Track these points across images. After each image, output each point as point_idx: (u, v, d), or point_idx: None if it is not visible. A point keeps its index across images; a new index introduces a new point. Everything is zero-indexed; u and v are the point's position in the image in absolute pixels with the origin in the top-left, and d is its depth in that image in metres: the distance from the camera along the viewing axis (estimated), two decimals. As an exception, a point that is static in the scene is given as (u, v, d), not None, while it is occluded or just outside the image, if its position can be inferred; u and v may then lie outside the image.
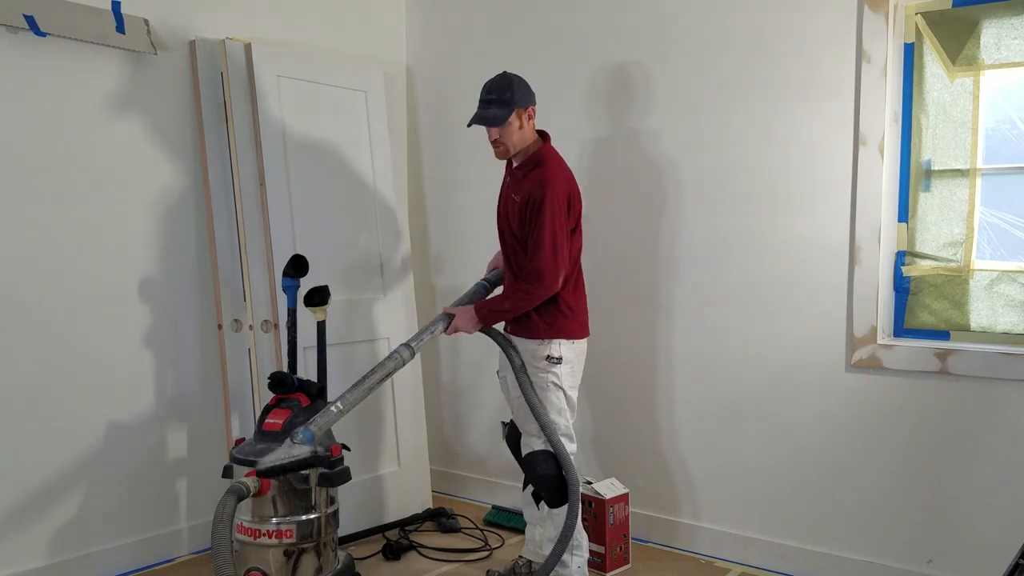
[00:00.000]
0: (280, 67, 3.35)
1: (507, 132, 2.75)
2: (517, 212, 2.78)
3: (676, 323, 3.31)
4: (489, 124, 2.74)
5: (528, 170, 2.79)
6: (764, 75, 3.04)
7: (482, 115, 2.75)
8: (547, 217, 2.68)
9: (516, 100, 2.72)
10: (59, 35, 2.86)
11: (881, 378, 2.87)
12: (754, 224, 3.10)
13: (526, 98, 2.76)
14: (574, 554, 2.82)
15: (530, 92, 2.78)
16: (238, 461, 2.63)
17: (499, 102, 2.73)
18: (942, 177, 2.81)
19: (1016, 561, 2.06)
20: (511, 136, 2.76)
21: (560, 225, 2.71)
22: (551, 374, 2.79)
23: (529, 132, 2.79)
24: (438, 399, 4.12)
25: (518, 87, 2.75)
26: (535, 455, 2.80)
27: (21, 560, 2.87)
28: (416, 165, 4.11)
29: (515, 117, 2.73)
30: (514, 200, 2.81)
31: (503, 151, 2.80)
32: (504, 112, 2.71)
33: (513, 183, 2.86)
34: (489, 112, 2.74)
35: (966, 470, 2.73)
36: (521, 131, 2.76)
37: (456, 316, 2.82)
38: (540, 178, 2.73)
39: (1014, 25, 2.65)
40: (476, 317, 2.80)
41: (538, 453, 2.79)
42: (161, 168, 3.20)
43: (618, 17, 3.38)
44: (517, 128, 2.75)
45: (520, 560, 3.07)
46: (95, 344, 3.03)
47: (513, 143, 2.77)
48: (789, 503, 3.09)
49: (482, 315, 2.80)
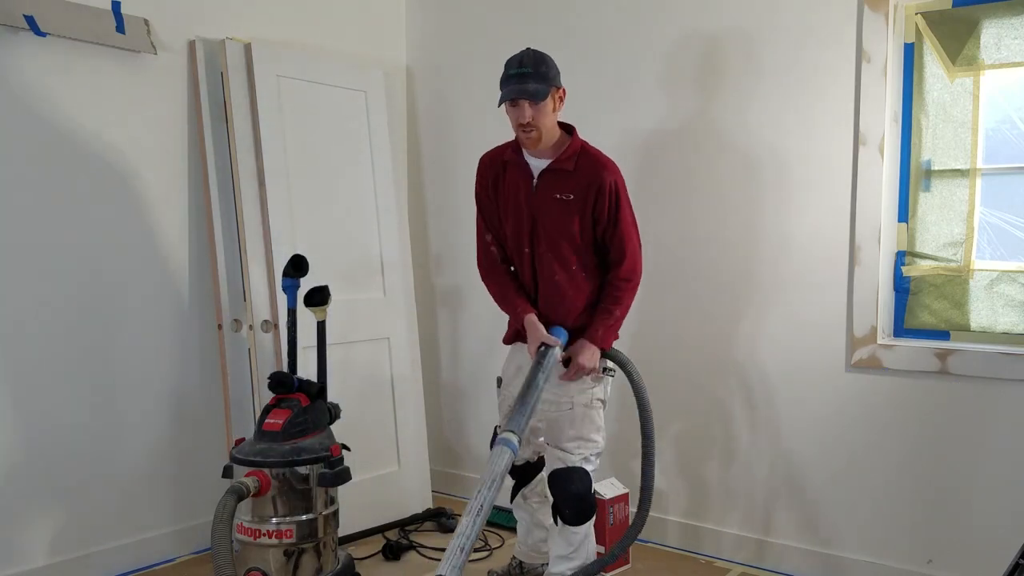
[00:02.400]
0: (280, 67, 3.36)
1: (542, 113, 2.44)
2: (573, 210, 2.52)
3: (675, 324, 3.31)
4: (532, 97, 2.39)
5: (575, 162, 2.53)
6: (764, 75, 3.04)
7: (522, 88, 2.39)
8: (625, 200, 2.52)
9: (552, 77, 2.44)
10: (59, 35, 2.86)
11: (881, 378, 2.87)
12: (753, 224, 3.10)
13: (559, 77, 2.48)
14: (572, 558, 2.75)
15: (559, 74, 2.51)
16: (238, 461, 2.63)
17: (536, 76, 2.40)
18: (942, 177, 2.81)
19: (1016, 561, 2.07)
20: (545, 119, 2.45)
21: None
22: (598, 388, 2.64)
23: (556, 120, 2.53)
24: (438, 399, 4.12)
25: (552, 63, 2.46)
26: (569, 472, 2.60)
27: (21, 560, 2.87)
28: (416, 165, 4.11)
29: (551, 97, 2.45)
30: (559, 200, 2.53)
31: (536, 137, 2.48)
32: (544, 88, 2.41)
33: (550, 182, 2.56)
34: (529, 86, 2.39)
35: (966, 470, 2.73)
36: (553, 115, 2.49)
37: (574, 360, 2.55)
38: (595, 164, 2.51)
39: (1014, 25, 2.65)
40: (596, 347, 2.57)
41: (572, 470, 2.60)
42: (161, 168, 3.20)
43: (617, 17, 3.38)
44: (551, 111, 2.46)
45: (513, 561, 3.06)
46: (95, 344, 3.03)
47: (547, 127, 2.48)
48: (789, 503, 3.09)
49: (601, 338, 2.57)
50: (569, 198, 2.52)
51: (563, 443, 2.63)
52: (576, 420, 2.62)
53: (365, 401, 3.58)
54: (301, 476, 2.63)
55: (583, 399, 2.62)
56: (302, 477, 2.63)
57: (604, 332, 2.58)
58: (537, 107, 2.43)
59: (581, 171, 2.52)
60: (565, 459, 2.62)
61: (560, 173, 2.54)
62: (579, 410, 2.61)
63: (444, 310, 4.06)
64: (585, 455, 2.63)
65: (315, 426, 2.73)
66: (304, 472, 2.63)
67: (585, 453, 2.63)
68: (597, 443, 2.66)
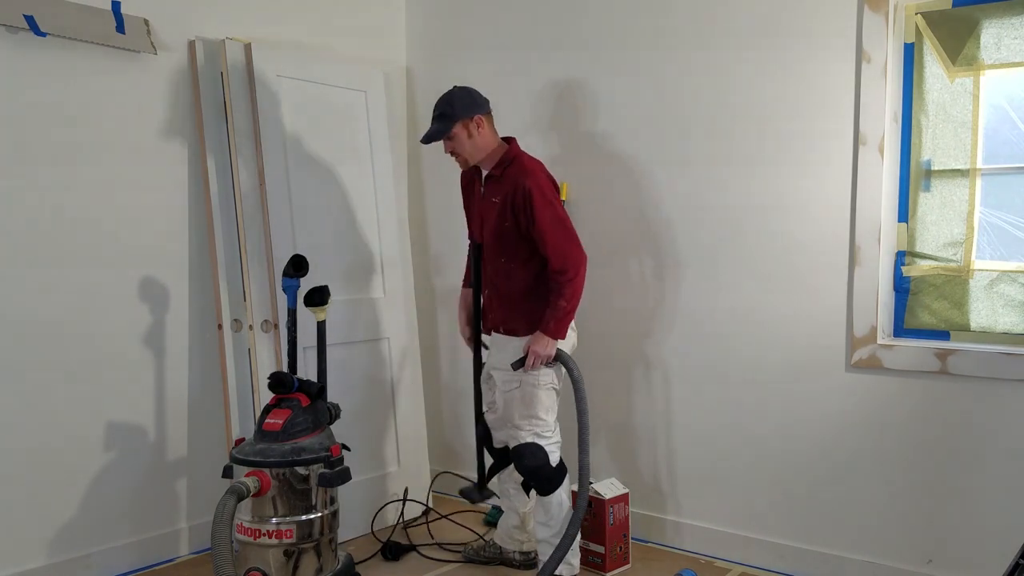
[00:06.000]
0: (280, 67, 3.36)
1: (458, 144, 2.85)
2: (497, 212, 2.83)
3: (675, 325, 3.31)
4: (428, 140, 2.87)
5: (503, 170, 2.86)
6: (763, 75, 3.04)
7: (428, 132, 2.87)
8: (538, 200, 2.75)
9: (457, 113, 2.80)
10: (59, 35, 2.86)
11: (881, 378, 2.87)
12: (753, 224, 3.10)
13: (469, 109, 2.82)
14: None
15: (475, 103, 2.84)
16: (238, 461, 2.64)
17: (440, 117, 2.83)
18: (942, 177, 2.81)
19: (1016, 561, 2.06)
20: (463, 147, 2.85)
21: (553, 198, 2.81)
22: (544, 372, 2.86)
23: (484, 140, 2.86)
24: (438, 399, 4.12)
25: (459, 100, 2.83)
26: (523, 447, 2.87)
27: (21, 560, 2.87)
28: (416, 165, 4.12)
29: (460, 128, 2.82)
30: (493, 203, 2.87)
31: (462, 161, 2.92)
32: (444, 126, 2.81)
33: (489, 188, 2.92)
34: (432, 128, 2.85)
35: (966, 470, 2.73)
36: (472, 140, 2.84)
37: (530, 350, 2.81)
38: (518, 171, 2.82)
39: (1014, 25, 2.65)
40: (548, 337, 2.80)
41: (526, 445, 2.87)
42: (161, 168, 3.20)
43: (615, 18, 3.37)
44: (467, 138, 2.84)
45: (491, 542, 3.24)
46: (95, 344, 3.03)
47: (469, 153, 2.87)
48: (789, 503, 3.09)
49: (552, 330, 2.80)
50: (497, 200, 2.86)
51: (515, 420, 2.90)
52: (525, 399, 2.87)
53: (365, 401, 3.59)
54: (301, 476, 2.63)
55: (530, 379, 2.87)
56: (302, 477, 2.64)
57: (555, 324, 2.80)
58: (448, 141, 2.86)
59: (507, 178, 2.85)
60: (517, 435, 2.89)
61: (492, 181, 2.91)
62: (527, 389, 2.87)
63: (444, 310, 4.06)
64: (535, 431, 2.88)
65: (315, 426, 2.73)
66: (304, 472, 2.64)
67: (534, 429, 2.88)
68: (545, 421, 2.89)
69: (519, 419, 2.88)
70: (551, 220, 2.77)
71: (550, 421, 2.91)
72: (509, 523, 3.17)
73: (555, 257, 2.76)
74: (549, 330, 2.79)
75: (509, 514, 3.17)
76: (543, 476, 2.87)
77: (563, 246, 2.77)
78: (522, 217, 2.77)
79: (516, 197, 2.77)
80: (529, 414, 2.87)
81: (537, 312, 2.84)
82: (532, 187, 2.75)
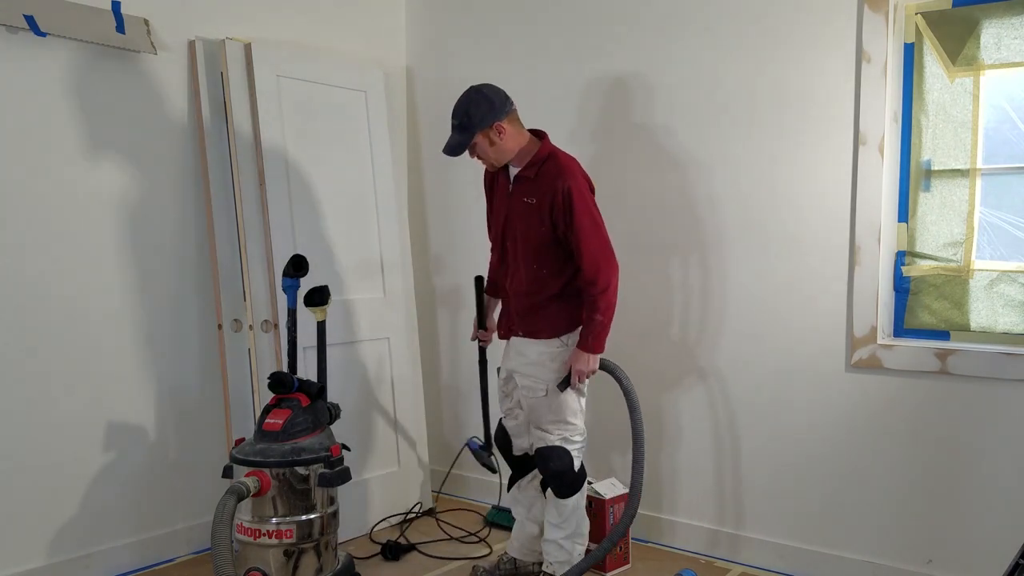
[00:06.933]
0: (280, 67, 3.36)
1: (480, 152, 2.73)
2: (537, 215, 2.69)
3: (675, 325, 3.31)
4: (451, 154, 2.72)
5: (537, 169, 2.72)
6: (763, 75, 3.04)
7: (448, 143, 2.72)
8: (581, 206, 2.63)
9: (475, 125, 2.66)
10: (59, 35, 2.86)
11: (881, 378, 2.87)
12: (753, 224, 3.10)
13: (487, 118, 2.65)
14: (576, 542, 2.86)
15: (493, 109, 2.66)
16: (238, 461, 2.64)
17: (458, 128, 2.69)
18: (942, 177, 2.81)
19: (1016, 561, 2.06)
20: (486, 154, 2.72)
21: (591, 201, 2.70)
22: None
23: (508, 143, 2.70)
24: (438, 399, 4.12)
25: (476, 109, 2.66)
26: (549, 450, 2.79)
27: (21, 560, 2.87)
28: (416, 165, 4.11)
29: (481, 138, 2.68)
30: (525, 203, 2.73)
31: (489, 165, 2.80)
32: (465, 138, 2.68)
33: (519, 188, 2.77)
34: (453, 139, 2.70)
35: (966, 470, 2.73)
36: (495, 147, 2.70)
37: (572, 369, 2.73)
38: (556, 171, 2.68)
39: (1014, 25, 2.65)
40: (588, 353, 2.72)
41: (552, 448, 2.79)
42: (161, 168, 3.20)
43: (615, 17, 3.38)
44: (488, 146, 2.70)
45: (504, 557, 3.09)
46: (95, 344, 3.03)
47: (496, 157, 2.73)
48: (789, 503, 3.09)
49: (592, 346, 2.71)
50: (533, 202, 2.72)
51: (543, 424, 2.82)
52: (553, 405, 2.79)
53: (365, 401, 3.59)
54: (301, 476, 2.63)
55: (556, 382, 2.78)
56: (302, 477, 2.64)
57: (593, 340, 2.71)
58: (474, 150, 2.72)
59: (542, 177, 2.71)
60: (545, 439, 2.82)
61: (526, 180, 2.76)
62: (555, 395, 2.78)
63: (444, 310, 4.06)
64: (564, 435, 2.80)
65: (315, 426, 2.74)
66: (304, 472, 2.64)
67: (563, 434, 2.81)
68: (575, 425, 2.82)
69: (547, 423, 2.80)
70: (589, 226, 2.65)
71: (580, 425, 2.83)
72: (527, 533, 3.04)
73: (589, 267, 2.64)
74: (588, 346, 2.70)
75: (527, 524, 3.03)
76: (566, 481, 2.80)
77: (597, 255, 2.65)
78: (560, 222, 2.65)
79: (556, 199, 2.63)
80: (558, 419, 2.79)
81: (560, 314, 2.75)
82: (573, 190, 2.62)
